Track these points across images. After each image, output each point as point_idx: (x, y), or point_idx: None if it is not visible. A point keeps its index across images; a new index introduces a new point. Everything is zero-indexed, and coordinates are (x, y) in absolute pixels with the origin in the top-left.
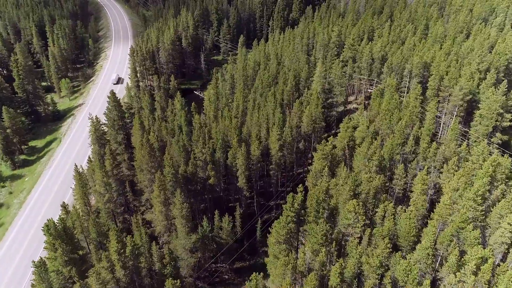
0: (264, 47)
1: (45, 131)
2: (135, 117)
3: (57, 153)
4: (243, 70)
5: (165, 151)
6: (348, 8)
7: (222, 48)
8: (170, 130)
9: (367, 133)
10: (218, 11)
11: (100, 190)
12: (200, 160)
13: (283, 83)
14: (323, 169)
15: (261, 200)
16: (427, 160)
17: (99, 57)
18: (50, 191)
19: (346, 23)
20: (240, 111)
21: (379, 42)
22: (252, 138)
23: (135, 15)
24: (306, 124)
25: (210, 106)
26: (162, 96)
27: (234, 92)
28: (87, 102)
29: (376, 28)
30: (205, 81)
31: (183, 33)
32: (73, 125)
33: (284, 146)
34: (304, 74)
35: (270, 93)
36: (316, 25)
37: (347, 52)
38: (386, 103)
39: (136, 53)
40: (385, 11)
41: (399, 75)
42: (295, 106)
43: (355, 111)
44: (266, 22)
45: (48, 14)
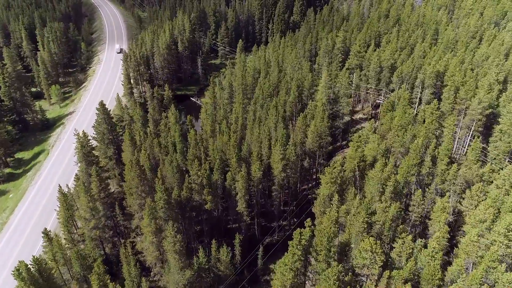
0: (264, 52)
1: (33, 141)
2: (125, 132)
3: (44, 166)
4: (242, 78)
5: (157, 171)
6: (351, 11)
7: (220, 51)
8: (164, 147)
9: (378, 151)
10: (215, 13)
11: (85, 215)
12: (196, 183)
13: (285, 93)
14: (332, 195)
15: (263, 221)
16: (445, 183)
17: (92, 61)
18: (34, 210)
19: (351, 28)
20: (240, 124)
21: (387, 49)
22: (252, 157)
23: (130, 16)
24: (311, 140)
25: (207, 120)
26: (155, 107)
27: (233, 102)
28: (78, 110)
29: (383, 33)
30: (202, 87)
31: (179, 36)
32: (62, 135)
33: (288, 165)
34: (308, 83)
35: (272, 105)
36: (319, 29)
37: (353, 59)
38: (399, 118)
39: (130, 58)
40: (392, 14)
41: (410, 85)
42: (299, 120)
43: (362, 122)
44: (266, 25)
45: (39, 16)
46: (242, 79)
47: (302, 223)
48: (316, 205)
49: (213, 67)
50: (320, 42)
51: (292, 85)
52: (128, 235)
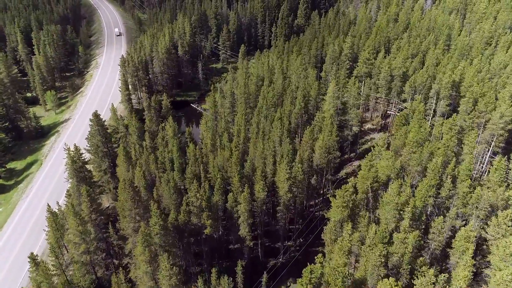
0: (267, 59)
1: (26, 150)
2: (120, 146)
3: (36, 178)
4: (244, 86)
5: (153, 189)
6: (358, 15)
7: (222, 55)
8: (161, 164)
9: (393, 170)
10: (217, 16)
11: (74, 239)
12: (195, 206)
13: (291, 103)
14: (343, 221)
15: (266, 241)
16: (467, 206)
17: (90, 65)
18: (23, 228)
19: (358, 33)
20: (242, 137)
21: (398, 56)
22: (256, 175)
23: (130, 18)
24: (319, 155)
25: (207, 132)
26: (152, 118)
27: (235, 111)
28: (73, 117)
29: (392, 38)
30: (203, 92)
31: (179, 40)
32: (56, 145)
33: (294, 184)
34: (314, 92)
35: (276, 116)
36: (325, 34)
37: (362, 67)
38: (414, 133)
39: (128, 63)
40: (401, 19)
41: (424, 95)
42: (306, 134)
43: (371, 133)
44: (269, 28)
45: (36, 19)
46: (244, 88)
47: (308, 244)
48: (326, 231)
49: (214, 72)
50: (326, 48)
51: (298, 94)
52: (122, 256)
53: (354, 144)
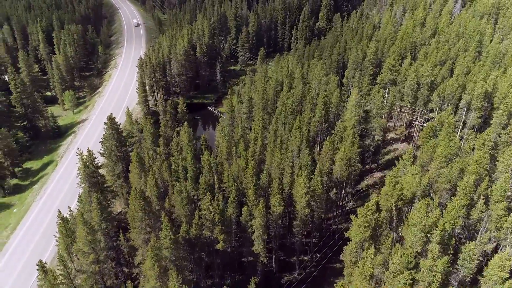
0: (287, 63)
1: (43, 149)
2: (133, 152)
3: (50, 180)
4: (263, 92)
5: (166, 199)
6: (383, 18)
7: (240, 57)
8: (174, 172)
9: (419, 186)
10: (236, 17)
11: (83, 248)
12: (207, 219)
13: (310, 110)
14: (364, 242)
15: (281, 255)
16: (501, 231)
17: (109, 65)
18: (35, 233)
19: (383, 38)
20: (259, 145)
21: (426, 63)
22: (272, 188)
23: (150, 18)
24: (339, 168)
25: (223, 140)
26: (168, 123)
27: (252, 116)
28: (90, 118)
29: (419, 44)
30: (221, 95)
31: (197, 42)
32: (72, 146)
33: (313, 198)
34: (335, 100)
35: (295, 125)
36: (348, 38)
37: (386, 74)
38: (443, 148)
39: (145, 64)
40: (429, 23)
41: (453, 106)
42: (326, 144)
43: (394, 143)
44: (289, 30)
45: (57, 18)
46: (263, 93)
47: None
48: (345, 252)
49: (233, 74)
50: (349, 53)
51: (318, 101)
52: (133, 265)
53: (376, 154)
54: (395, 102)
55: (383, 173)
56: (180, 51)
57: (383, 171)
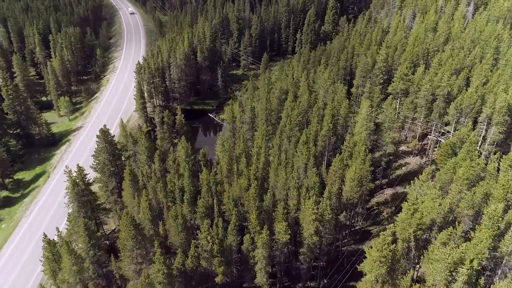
0: (292, 70)
1: (36, 159)
2: (126, 169)
3: (42, 193)
4: (266, 102)
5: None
6: (391, 23)
7: (242, 62)
8: (170, 192)
9: (439, 212)
10: (239, 20)
11: (70, 279)
12: (205, 250)
13: (317, 123)
14: (379, 277)
15: (285, 281)
16: None
17: (107, 69)
18: (23, 252)
19: (393, 44)
20: (262, 162)
21: (441, 72)
22: (277, 213)
23: (150, 20)
24: (350, 188)
25: (223, 156)
26: (165, 134)
27: (255, 127)
28: (86, 126)
29: (432, 51)
30: (222, 101)
31: (198, 46)
32: (66, 155)
33: (321, 224)
34: (344, 111)
35: (302, 141)
36: (356, 43)
37: (398, 83)
38: (465, 169)
39: (143, 69)
40: (441, 28)
41: (471, 119)
42: (335, 162)
43: (406, 157)
44: (293, 33)
45: (55, 21)
46: (266, 103)
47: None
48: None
49: (235, 79)
50: (357, 59)
51: (326, 113)
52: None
53: (387, 168)
54: (408, 114)
55: (395, 190)
56: (180, 56)
57: (394, 187)
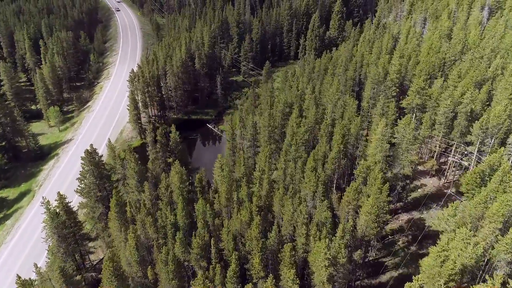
0: (297, 82)
1: (22, 174)
2: (112, 198)
3: (25, 215)
4: (269, 118)
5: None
6: (402, 29)
7: (243, 68)
8: (161, 228)
9: (471, 257)
10: (239, 24)
11: None
12: None
13: (326, 142)
14: None
15: None
16: None
17: (101, 75)
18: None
19: (406, 52)
20: (265, 189)
21: (463, 87)
22: (284, 256)
23: (148, 23)
24: (365, 223)
25: (222, 182)
26: (158, 155)
27: (256, 144)
28: (76, 138)
29: (448, 60)
30: (221, 110)
31: (196, 52)
32: (53, 172)
33: (335, 268)
34: (355, 129)
35: (309, 166)
36: (364, 51)
37: (414, 97)
38: (500, 205)
39: (138, 78)
40: (456, 35)
41: (498, 139)
42: (349, 193)
43: (421, 178)
44: (295, 37)
45: (47, 24)
46: (269, 119)
47: None
48: None
49: (235, 86)
50: (366, 69)
51: (335, 132)
52: None
53: (402, 191)
54: (426, 133)
55: (410, 215)
56: (177, 63)
57: (410, 212)
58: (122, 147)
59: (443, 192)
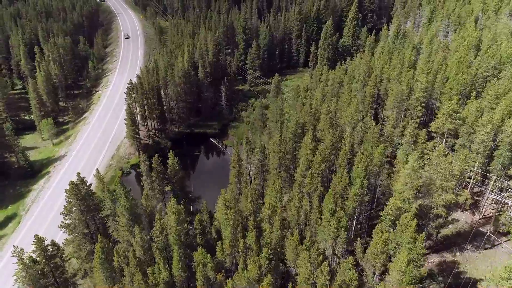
0: (310, 100)
1: (11, 194)
2: (97, 246)
3: (8, 246)
4: (280, 143)
5: None
6: (423, 37)
7: (249, 76)
8: (153, 286)
9: None
10: (245, 30)
11: None
12: None
13: (345, 174)
14: None
15: None
16: None
17: (100, 83)
18: None
19: (433, 66)
20: (277, 236)
21: (499, 108)
22: None
23: (151, 27)
24: (397, 282)
25: (226, 225)
26: (153, 185)
27: (265, 170)
28: (69, 154)
29: (481, 76)
30: (226, 122)
31: (200, 60)
32: (42, 193)
33: None
34: (378, 158)
35: (327, 207)
36: (383, 63)
37: (445, 121)
38: None
39: (136, 90)
40: (486, 47)
41: None
42: (376, 244)
43: (453, 210)
44: (305, 44)
45: (44, 29)
46: (280, 144)
47: None
48: None
49: (240, 96)
50: (387, 85)
51: (356, 163)
52: None
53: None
54: (464, 167)
55: (442, 257)
56: (179, 73)
57: (440, 252)
58: (118, 165)
59: (479, 231)
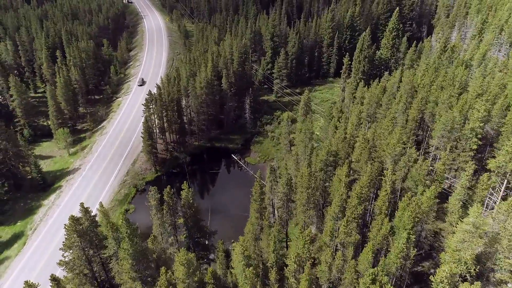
0: (344, 124)
1: (21, 208)
2: None
3: (10, 270)
4: (309, 177)
5: None
6: (473, 51)
7: (276, 86)
8: None
9: None
10: (274, 37)
11: None
12: None
13: (386, 222)
14: None
15: None
16: None
17: (121, 89)
18: None
19: (492, 91)
20: None
21: None
22: None
23: (176, 30)
24: None
25: (244, 285)
26: (163, 219)
27: (290, 206)
28: (83, 167)
29: None
30: (249, 137)
31: (224, 70)
32: (51, 211)
33: None
34: (428, 204)
35: (367, 275)
36: (428, 83)
37: (508, 160)
38: None
39: (155, 101)
40: None
41: None
42: None
43: None
44: (336, 52)
45: (68, 32)
46: (309, 179)
47: None
48: None
49: (265, 107)
50: (433, 108)
51: (401, 208)
52: None
53: None
54: None
55: None
56: (201, 83)
57: None
58: (133, 182)
59: None
